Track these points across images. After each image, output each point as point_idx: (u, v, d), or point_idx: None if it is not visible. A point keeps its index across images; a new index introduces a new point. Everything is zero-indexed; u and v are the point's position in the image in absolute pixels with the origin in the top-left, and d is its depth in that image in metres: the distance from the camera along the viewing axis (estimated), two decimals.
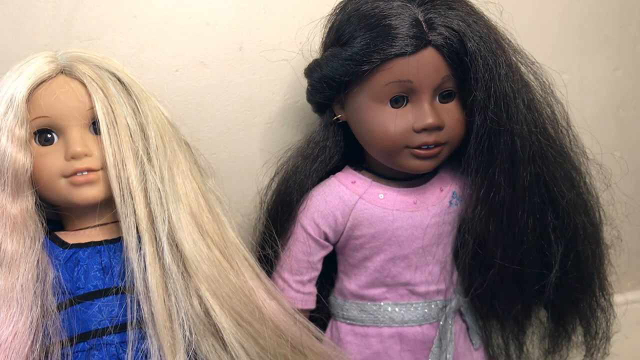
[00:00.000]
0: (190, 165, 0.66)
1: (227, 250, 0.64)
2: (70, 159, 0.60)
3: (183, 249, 0.60)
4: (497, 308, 0.75)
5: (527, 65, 0.68)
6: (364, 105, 0.66)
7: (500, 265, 0.70)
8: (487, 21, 0.66)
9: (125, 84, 0.63)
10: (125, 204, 0.60)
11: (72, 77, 0.62)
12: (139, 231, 0.60)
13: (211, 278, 0.60)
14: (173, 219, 0.60)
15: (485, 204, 0.68)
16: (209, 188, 0.68)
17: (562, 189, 0.69)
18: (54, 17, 0.73)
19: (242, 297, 0.62)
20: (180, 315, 0.58)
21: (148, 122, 0.62)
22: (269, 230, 0.71)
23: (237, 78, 0.80)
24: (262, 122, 0.82)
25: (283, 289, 0.72)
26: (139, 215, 0.60)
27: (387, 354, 0.73)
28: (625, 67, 0.98)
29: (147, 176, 0.61)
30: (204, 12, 0.78)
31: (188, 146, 0.68)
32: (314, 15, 0.71)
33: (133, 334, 0.58)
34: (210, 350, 0.59)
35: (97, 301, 0.59)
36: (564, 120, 0.71)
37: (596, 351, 0.78)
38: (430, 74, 0.64)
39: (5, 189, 0.59)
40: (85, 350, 0.58)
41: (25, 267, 0.57)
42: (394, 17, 0.63)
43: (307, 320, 0.68)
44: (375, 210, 0.70)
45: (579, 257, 0.71)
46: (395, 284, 0.72)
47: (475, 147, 0.67)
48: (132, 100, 0.63)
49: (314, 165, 0.72)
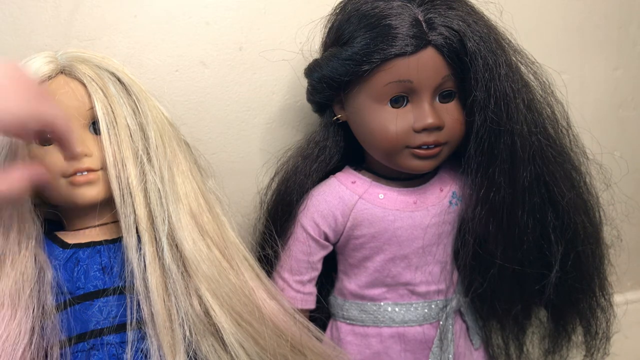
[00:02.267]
0: (190, 165, 0.66)
1: (227, 250, 0.64)
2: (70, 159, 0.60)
3: (183, 248, 0.60)
4: (497, 308, 0.75)
5: (527, 65, 0.68)
6: (364, 105, 0.66)
7: (501, 265, 0.70)
8: (487, 21, 0.66)
9: (125, 84, 0.63)
10: (125, 203, 0.60)
11: (72, 77, 0.62)
12: (138, 231, 0.60)
13: (211, 278, 0.60)
14: (173, 219, 0.60)
15: (485, 204, 0.68)
16: (208, 188, 0.68)
17: (562, 189, 0.69)
18: (53, 17, 0.73)
19: (242, 297, 0.62)
20: (180, 315, 0.58)
21: (148, 122, 0.62)
22: (269, 230, 0.71)
23: (237, 78, 0.80)
24: (262, 122, 0.82)
25: (283, 289, 0.72)
26: (139, 215, 0.60)
27: (387, 354, 0.73)
28: (625, 67, 0.98)
29: (147, 176, 0.61)
30: (204, 12, 0.78)
31: (188, 146, 0.68)
32: (314, 15, 0.71)
33: (133, 334, 0.58)
34: (210, 350, 0.59)
35: (97, 301, 0.59)
36: (564, 120, 0.71)
37: (596, 351, 0.78)
38: (430, 74, 0.64)
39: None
40: (85, 350, 0.58)
41: (18, 266, 0.57)
42: (394, 17, 0.63)
43: (307, 320, 0.68)
44: (375, 210, 0.70)
45: (579, 257, 0.71)
46: (396, 284, 0.72)
47: (475, 147, 0.67)
48: (132, 100, 0.63)
49: (314, 165, 0.72)
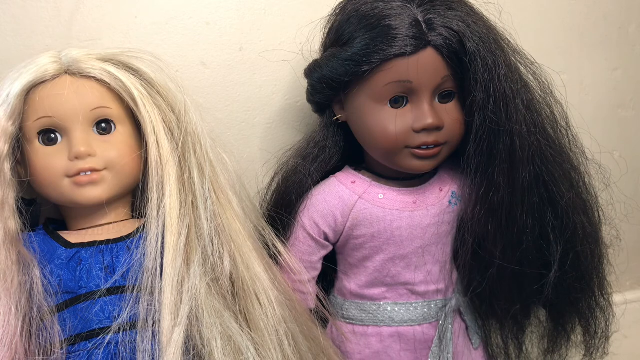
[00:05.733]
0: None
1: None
2: (73, 159, 0.60)
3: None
4: (497, 307, 0.75)
5: (527, 66, 0.69)
6: (364, 105, 0.67)
7: (500, 265, 0.70)
8: (487, 22, 0.66)
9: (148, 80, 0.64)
10: (156, 191, 0.61)
11: (77, 77, 0.62)
12: (165, 225, 0.60)
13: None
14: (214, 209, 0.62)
15: (485, 204, 0.68)
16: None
17: (561, 189, 0.69)
18: (54, 17, 0.73)
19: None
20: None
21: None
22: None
23: (237, 78, 0.80)
24: (262, 122, 0.82)
25: None
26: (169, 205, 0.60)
27: (386, 353, 0.73)
28: (624, 67, 0.98)
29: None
30: (204, 13, 0.78)
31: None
32: (314, 15, 0.71)
33: (135, 333, 0.59)
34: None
35: (99, 300, 0.59)
36: (563, 120, 0.71)
37: (595, 350, 0.78)
38: (429, 74, 0.64)
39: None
40: (87, 350, 0.58)
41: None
42: (393, 18, 0.63)
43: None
44: (374, 210, 0.70)
45: (578, 256, 0.72)
46: (395, 283, 0.72)
47: (474, 147, 0.67)
48: (161, 97, 0.64)
49: (314, 165, 0.72)
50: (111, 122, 0.63)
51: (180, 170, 0.62)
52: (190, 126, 0.63)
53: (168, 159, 0.61)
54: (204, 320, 0.58)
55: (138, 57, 0.65)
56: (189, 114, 0.64)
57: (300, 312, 0.67)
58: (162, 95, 0.63)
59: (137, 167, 0.64)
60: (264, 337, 0.60)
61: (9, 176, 0.60)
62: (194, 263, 0.59)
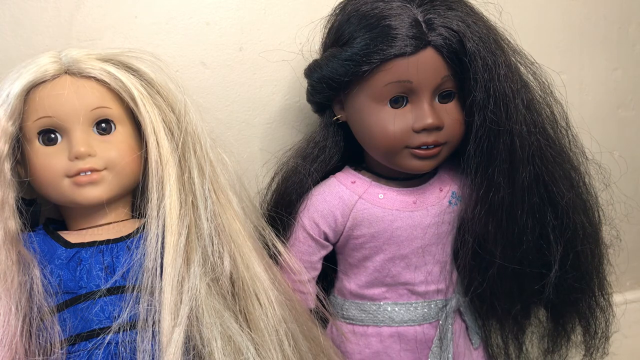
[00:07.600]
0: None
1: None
2: (73, 159, 0.60)
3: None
4: (497, 307, 0.75)
5: (527, 66, 0.69)
6: (364, 105, 0.67)
7: (500, 265, 0.70)
8: (487, 22, 0.66)
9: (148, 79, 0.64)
10: (156, 191, 0.61)
11: (77, 77, 0.62)
12: (165, 225, 0.60)
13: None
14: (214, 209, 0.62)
15: (485, 204, 0.68)
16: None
17: (561, 189, 0.69)
18: (54, 17, 0.73)
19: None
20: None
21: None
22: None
23: (237, 78, 0.80)
24: (262, 122, 0.82)
25: None
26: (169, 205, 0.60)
27: (386, 353, 0.73)
28: (624, 67, 0.98)
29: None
30: (204, 13, 0.78)
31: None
32: (314, 15, 0.72)
33: (135, 333, 0.59)
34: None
35: (99, 300, 0.59)
36: (563, 120, 0.71)
37: (595, 350, 0.78)
38: (429, 74, 0.64)
39: None
40: (87, 350, 0.58)
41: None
42: (393, 18, 0.63)
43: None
44: (374, 210, 0.70)
45: (578, 256, 0.72)
46: (395, 283, 0.72)
47: (474, 147, 0.67)
48: (161, 97, 0.63)
49: (314, 165, 0.72)
50: (111, 122, 0.63)
51: (180, 170, 0.62)
52: (190, 126, 0.63)
53: (168, 159, 0.61)
54: (204, 320, 0.58)
55: (138, 57, 0.65)
56: (189, 114, 0.64)
57: (300, 312, 0.67)
58: (162, 95, 0.63)
59: (137, 167, 0.64)
60: (264, 337, 0.60)
61: (9, 176, 0.60)
62: (194, 263, 0.59)
